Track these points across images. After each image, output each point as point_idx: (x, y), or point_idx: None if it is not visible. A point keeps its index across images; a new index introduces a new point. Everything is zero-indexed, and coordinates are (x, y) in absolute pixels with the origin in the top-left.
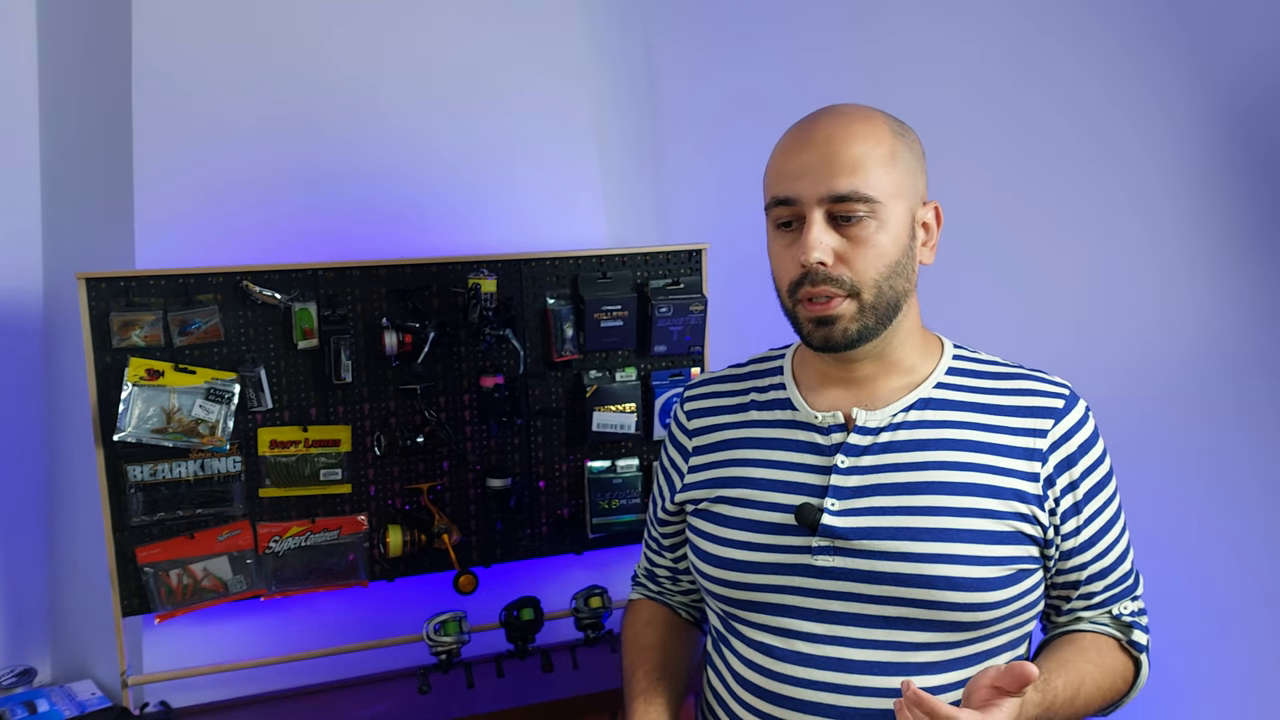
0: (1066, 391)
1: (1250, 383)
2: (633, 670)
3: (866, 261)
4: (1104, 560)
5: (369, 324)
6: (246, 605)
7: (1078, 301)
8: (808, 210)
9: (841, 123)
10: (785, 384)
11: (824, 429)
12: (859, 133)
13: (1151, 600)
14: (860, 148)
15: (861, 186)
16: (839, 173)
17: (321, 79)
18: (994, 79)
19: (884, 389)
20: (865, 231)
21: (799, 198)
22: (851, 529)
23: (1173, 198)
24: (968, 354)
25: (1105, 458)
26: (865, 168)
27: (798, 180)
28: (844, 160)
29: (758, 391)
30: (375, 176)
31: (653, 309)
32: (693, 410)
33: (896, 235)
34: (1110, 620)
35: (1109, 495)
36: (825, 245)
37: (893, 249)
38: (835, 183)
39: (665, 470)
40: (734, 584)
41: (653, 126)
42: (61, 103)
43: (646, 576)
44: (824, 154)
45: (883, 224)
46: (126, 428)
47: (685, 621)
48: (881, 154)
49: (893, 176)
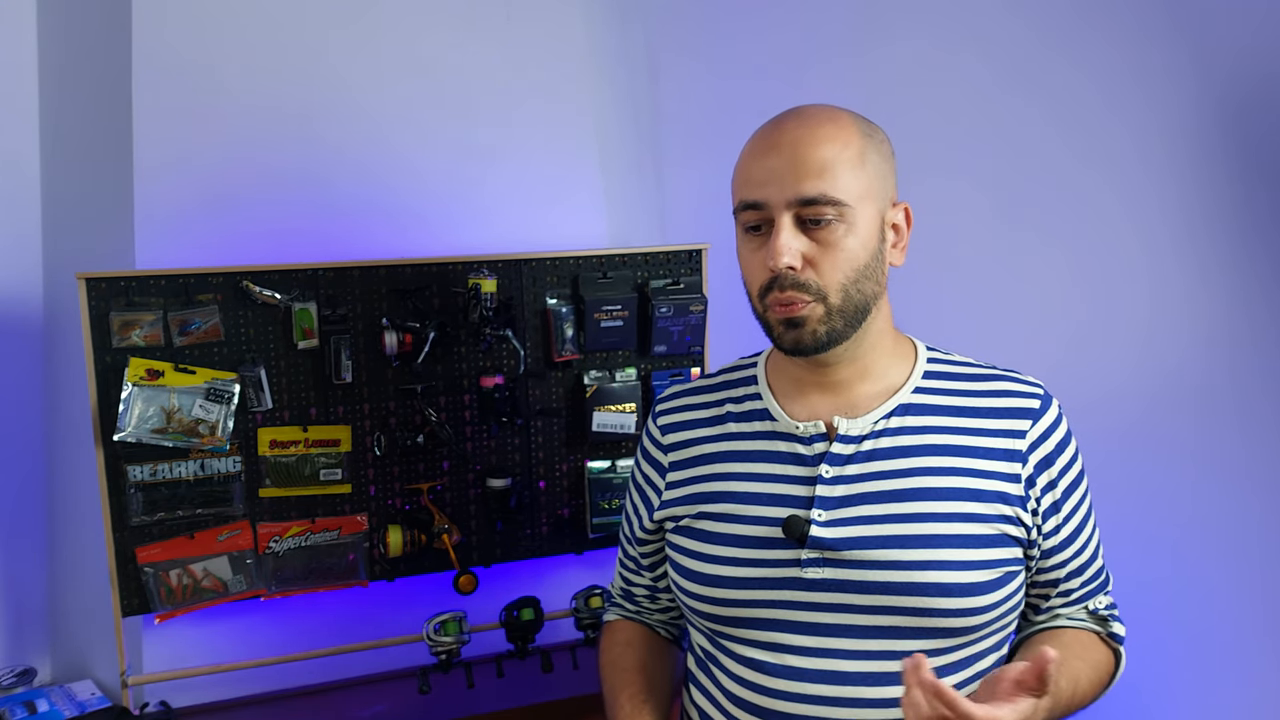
0: (1040, 391)
1: (1248, 383)
2: (616, 694)
3: (834, 265)
4: (1081, 557)
5: (369, 324)
6: (246, 605)
7: (1072, 303)
8: (776, 214)
9: (809, 125)
10: (761, 393)
11: (806, 439)
12: (826, 135)
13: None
14: (828, 150)
15: (829, 190)
16: (806, 176)
17: (322, 79)
18: (991, 85)
19: (861, 394)
20: (833, 235)
21: (766, 202)
22: (840, 539)
23: (1167, 198)
24: (941, 356)
25: (1078, 455)
26: (833, 171)
27: (765, 185)
28: (811, 164)
29: (733, 403)
30: (375, 177)
31: (653, 309)
32: (666, 425)
33: (865, 238)
34: (1088, 615)
35: (1083, 492)
36: (793, 249)
37: (861, 252)
38: (802, 186)
39: (640, 487)
40: (722, 601)
41: (653, 126)
42: (61, 103)
43: (623, 596)
44: (790, 158)
45: (851, 227)
46: (126, 428)
47: (665, 640)
48: (849, 156)
49: (861, 179)
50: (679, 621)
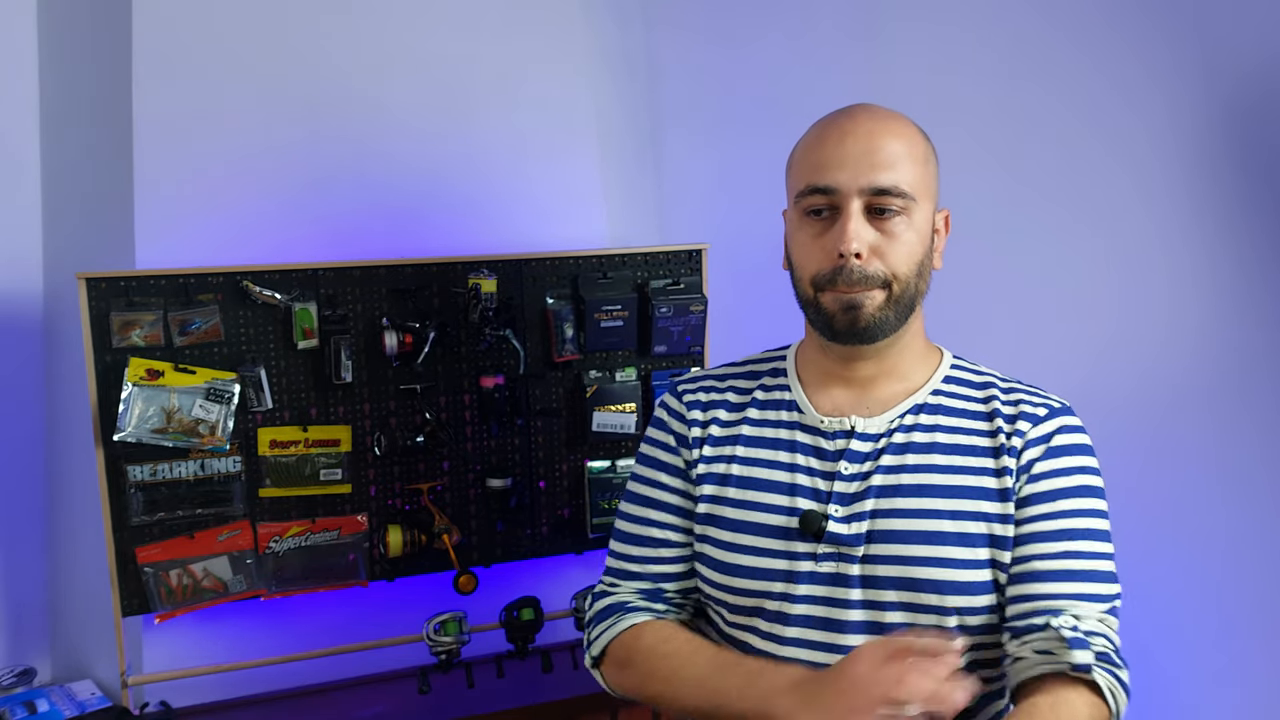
0: (1057, 404)
1: (1261, 385)
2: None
3: (899, 256)
4: (1048, 563)
5: (369, 324)
6: (246, 605)
7: (1083, 303)
8: (845, 201)
9: (881, 119)
10: (790, 385)
11: (829, 434)
12: (897, 130)
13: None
14: (899, 145)
15: (901, 182)
16: (880, 165)
17: (322, 78)
18: (997, 71)
19: (884, 393)
20: (898, 227)
21: (838, 187)
22: (856, 535)
23: (1181, 198)
24: (966, 364)
25: (1090, 471)
26: (903, 164)
27: (838, 170)
28: (885, 154)
29: (762, 390)
30: (376, 176)
31: (653, 309)
32: (692, 402)
33: (922, 235)
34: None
35: (1082, 507)
36: (863, 237)
37: (919, 248)
38: (877, 175)
39: (662, 464)
40: (737, 590)
41: (653, 127)
42: (61, 102)
43: (648, 597)
44: (866, 146)
45: (912, 222)
46: (126, 428)
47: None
48: (916, 154)
49: (924, 177)
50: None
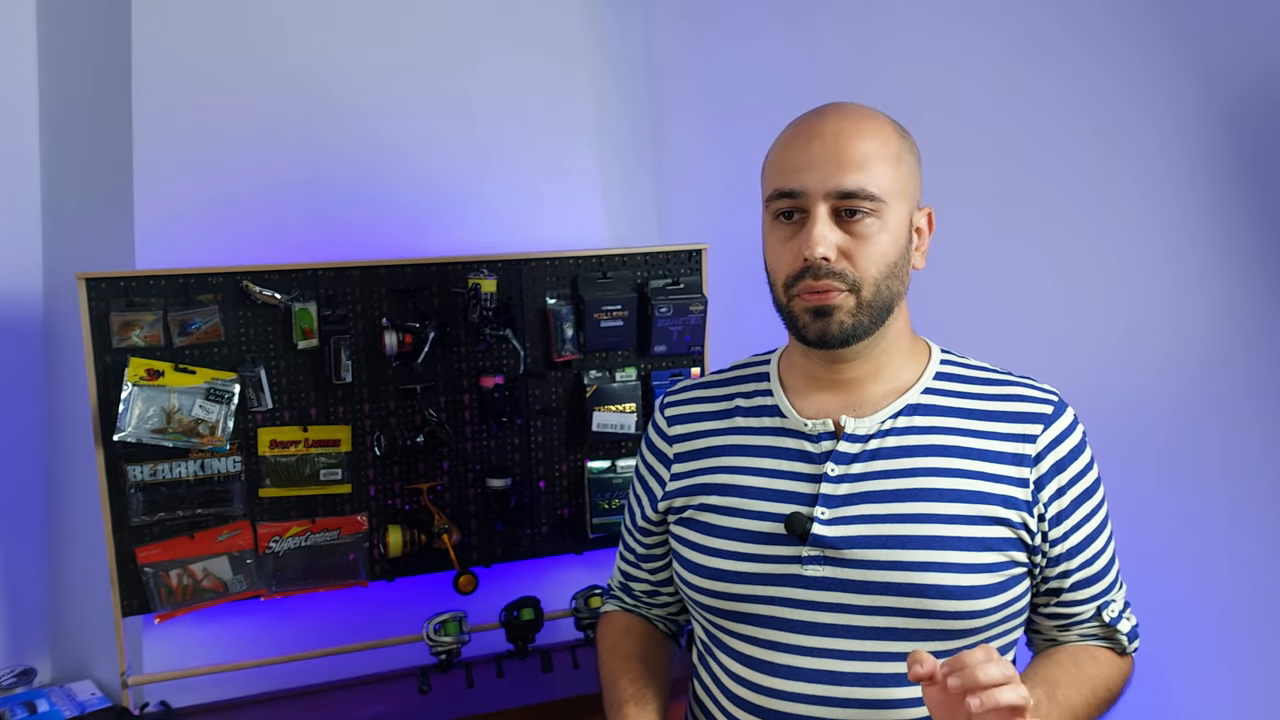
0: (1055, 398)
1: (1268, 389)
2: (615, 679)
3: (868, 259)
4: (1090, 568)
5: (369, 324)
6: (246, 605)
7: (1088, 306)
8: (812, 204)
9: (851, 119)
10: (772, 390)
11: (814, 436)
12: (868, 130)
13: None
14: (868, 145)
15: (868, 184)
16: (847, 168)
17: (322, 79)
18: (1000, 69)
19: (872, 394)
20: (868, 229)
21: (804, 190)
22: (842, 538)
23: (1187, 199)
24: (955, 359)
25: (1093, 465)
26: (872, 165)
27: (804, 173)
28: (852, 156)
29: (743, 397)
30: (375, 177)
31: (653, 309)
32: (674, 416)
33: (896, 236)
34: (1099, 627)
35: (1096, 503)
36: (829, 240)
37: (892, 249)
38: (843, 178)
39: (643, 478)
40: (720, 594)
41: (653, 127)
42: (61, 103)
43: (621, 590)
44: (833, 148)
45: (885, 223)
46: (126, 428)
47: (663, 634)
48: (888, 153)
49: (896, 177)
50: (678, 618)
